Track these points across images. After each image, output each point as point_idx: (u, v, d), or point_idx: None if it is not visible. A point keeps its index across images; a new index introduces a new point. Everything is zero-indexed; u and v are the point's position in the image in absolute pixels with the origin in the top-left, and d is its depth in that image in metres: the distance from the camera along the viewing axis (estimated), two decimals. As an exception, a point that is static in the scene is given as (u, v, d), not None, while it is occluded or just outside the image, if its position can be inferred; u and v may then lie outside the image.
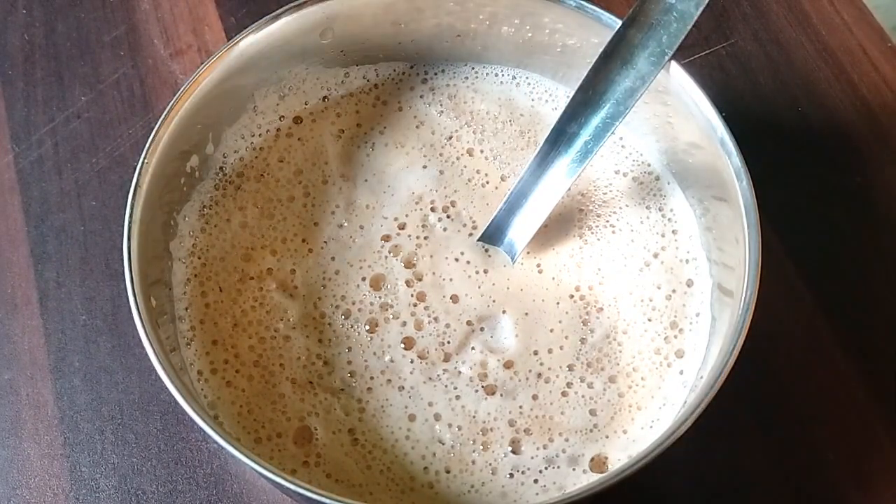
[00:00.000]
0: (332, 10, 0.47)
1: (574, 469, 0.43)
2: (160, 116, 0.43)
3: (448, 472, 0.43)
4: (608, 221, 0.49)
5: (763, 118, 0.57)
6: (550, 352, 0.46)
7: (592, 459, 0.44)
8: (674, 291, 0.47)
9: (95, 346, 0.51)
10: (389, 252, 0.48)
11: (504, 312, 0.46)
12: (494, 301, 0.47)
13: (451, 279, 0.47)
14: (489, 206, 0.49)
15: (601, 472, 0.43)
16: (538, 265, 0.48)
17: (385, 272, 0.48)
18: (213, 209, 0.48)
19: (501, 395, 0.45)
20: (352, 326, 0.46)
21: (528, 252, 0.48)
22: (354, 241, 0.48)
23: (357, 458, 0.44)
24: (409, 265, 0.48)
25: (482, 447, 0.44)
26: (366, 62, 0.52)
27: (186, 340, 0.45)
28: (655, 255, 0.48)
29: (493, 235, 0.48)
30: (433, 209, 0.49)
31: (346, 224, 0.49)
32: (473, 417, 0.44)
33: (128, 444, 0.49)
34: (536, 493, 0.43)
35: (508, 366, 0.45)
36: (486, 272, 0.47)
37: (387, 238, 0.48)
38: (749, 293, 0.40)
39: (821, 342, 0.51)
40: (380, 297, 0.47)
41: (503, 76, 0.53)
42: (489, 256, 0.48)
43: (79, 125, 0.58)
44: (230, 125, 0.49)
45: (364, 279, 0.47)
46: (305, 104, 0.51)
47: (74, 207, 0.55)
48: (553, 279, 0.47)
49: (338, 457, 0.44)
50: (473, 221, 0.49)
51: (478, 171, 0.50)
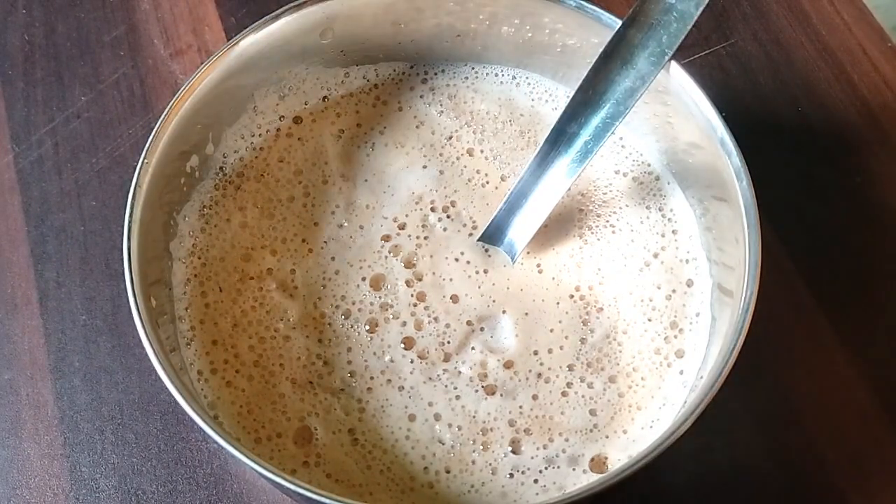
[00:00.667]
0: (332, 10, 0.47)
1: (574, 469, 0.43)
2: (160, 116, 0.43)
3: (448, 472, 0.43)
4: (608, 221, 0.49)
5: (763, 118, 0.57)
6: (550, 352, 0.46)
7: (592, 459, 0.44)
8: (674, 291, 0.47)
9: (95, 346, 0.51)
10: (389, 252, 0.48)
11: (504, 312, 0.46)
12: (494, 301, 0.47)
13: (451, 279, 0.47)
14: (489, 206, 0.49)
15: (601, 472, 0.43)
16: (538, 265, 0.48)
17: (385, 272, 0.48)
18: (213, 209, 0.48)
19: (501, 395, 0.45)
20: (352, 326, 0.46)
21: (528, 252, 0.48)
22: (354, 241, 0.48)
23: (357, 458, 0.44)
24: (409, 265, 0.48)
25: (482, 447, 0.44)
26: (366, 62, 0.52)
27: (186, 340, 0.45)
28: (655, 255, 0.48)
29: (493, 235, 0.48)
30: (433, 209, 0.49)
31: (346, 224, 0.49)
32: (473, 417, 0.44)
33: (128, 444, 0.49)
34: (536, 493, 0.43)
35: (508, 366, 0.45)
36: (486, 272, 0.47)
37: (387, 238, 0.48)
38: (749, 293, 0.40)
39: (821, 342, 0.51)
40: (380, 297, 0.47)
41: (503, 76, 0.53)
42: (489, 256, 0.48)
43: (79, 125, 0.58)
44: (230, 125, 0.49)
45: (364, 279, 0.47)
46: (305, 104, 0.51)
47: (74, 207, 0.55)
48: (553, 279, 0.47)
49: (338, 457, 0.44)
50: (473, 221, 0.49)
51: (478, 171, 0.50)
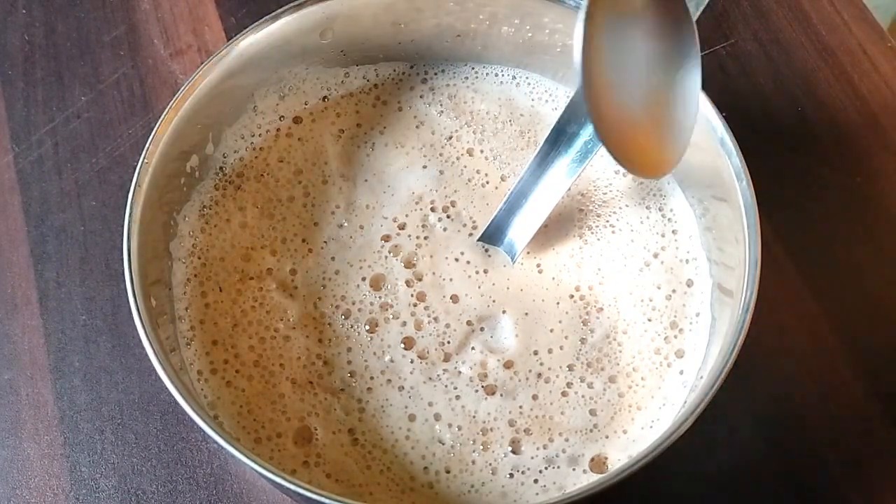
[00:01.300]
0: (332, 10, 0.47)
1: (574, 469, 0.43)
2: (160, 116, 0.43)
3: (448, 472, 0.43)
4: (608, 221, 0.49)
5: (763, 118, 0.57)
6: (550, 352, 0.46)
7: (592, 459, 0.44)
8: (674, 291, 0.47)
9: (95, 346, 0.51)
10: (389, 252, 0.48)
11: (504, 312, 0.46)
12: (494, 301, 0.47)
13: (451, 279, 0.47)
14: (489, 206, 0.49)
15: (601, 472, 0.43)
16: (538, 265, 0.48)
17: (385, 272, 0.48)
18: (213, 209, 0.48)
19: (501, 395, 0.45)
20: (352, 326, 0.46)
21: (528, 252, 0.48)
22: (354, 241, 0.48)
23: (357, 458, 0.44)
24: (409, 265, 0.48)
25: (482, 447, 0.44)
26: (366, 62, 0.52)
27: (186, 340, 0.45)
28: (655, 255, 0.48)
29: (493, 235, 0.48)
30: (433, 209, 0.49)
31: (346, 224, 0.49)
32: (473, 417, 0.44)
33: (128, 444, 0.49)
34: (536, 493, 0.43)
35: (508, 366, 0.45)
36: (486, 272, 0.47)
37: (387, 238, 0.48)
38: (749, 293, 0.40)
39: (821, 342, 0.51)
40: (380, 297, 0.47)
41: (503, 76, 0.53)
42: (489, 256, 0.48)
43: (79, 125, 0.58)
44: (230, 125, 0.49)
45: (364, 279, 0.47)
46: (305, 104, 0.51)
47: (74, 207, 0.55)
48: (553, 279, 0.47)
49: (338, 457, 0.44)
50: (473, 221, 0.49)
51: (478, 171, 0.50)
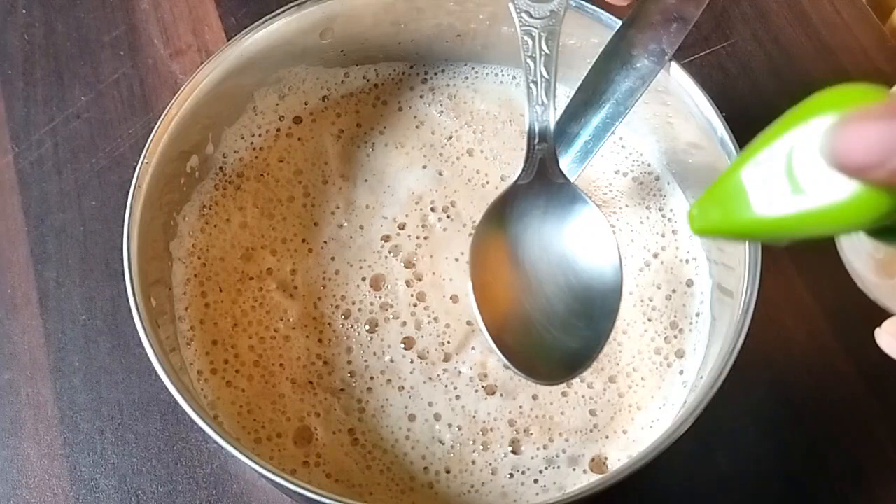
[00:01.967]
0: (332, 10, 0.47)
1: (574, 469, 0.43)
2: (160, 116, 0.43)
3: (448, 472, 0.43)
4: (608, 221, 0.48)
5: (763, 118, 0.57)
6: (550, 352, 0.45)
7: (592, 459, 0.44)
8: (674, 291, 0.47)
9: (95, 346, 0.51)
10: (389, 252, 0.48)
11: (504, 312, 0.46)
12: (494, 301, 0.47)
13: (451, 279, 0.47)
14: (489, 206, 0.49)
15: (601, 473, 0.43)
16: (538, 265, 0.48)
17: (385, 272, 0.48)
18: (213, 209, 0.48)
19: (501, 395, 0.45)
20: (352, 326, 0.46)
21: (528, 252, 0.48)
22: (354, 241, 0.48)
23: (357, 458, 0.44)
24: (409, 265, 0.48)
25: (482, 447, 0.44)
26: (366, 62, 0.52)
27: (186, 340, 0.45)
28: (655, 255, 0.48)
29: (493, 235, 0.48)
30: (433, 209, 0.49)
31: (346, 224, 0.49)
32: (473, 417, 0.44)
33: (128, 444, 0.49)
34: (536, 493, 0.43)
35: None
36: (486, 272, 0.47)
37: (387, 238, 0.48)
38: (749, 293, 0.40)
39: (821, 342, 0.51)
40: (380, 297, 0.47)
41: (503, 76, 0.53)
42: (489, 256, 0.48)
43: (79, 125, 0.58)
44: (230, 125, 0.49)
45: (364, 279, 0.47)
46: (305, 104, 0.51)
47: (74, 207, 0.55)
48: (553, 279, 0.47)
49: (338, 457, 0.44)
50: (473, 221, 0.49)
51: (478, 171, 0.50)
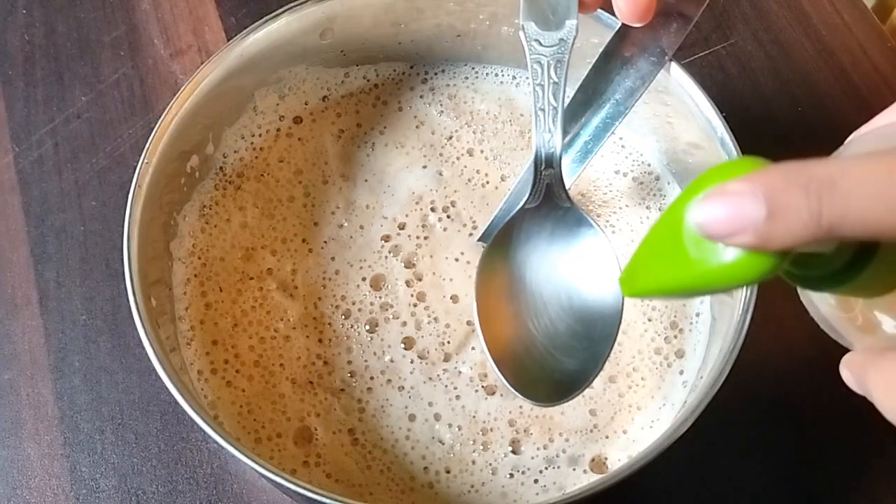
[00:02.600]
0: (332, 10, 0.47)
1: (574, 469, 0.43)
2: (160, 116, 0.43)
3: (448, 472, 0.43)
4: (608, 221, 0.49)
5: (763, 118, 0.57)
6: (550, 352, 0.45)
7: (592, 459, 0.44)
8: (674, 291, 0.47)
9: (95, 346, 0.51)
10: (389, 252, 0.48)
11: (504, 312, 0.46)
12: (494, 301, 0.47)
13: (451, 279, 0.47)
14: (489, 206, 0.49)
15: (601, 473, 0.43)
16: (538, 265, 0.48)
17: (385, 272, 0.48)
18: (213, 209, 0.48)
19: (501, 395, 0.45)
20: (352, 326, 0.46)
21: (528, 252, 0.48)
22: (354, 241, 0.48)
23: (357, 458, 0.44)
24: (409, 265, 0.48)
25: (482, 447, 0.44)
26: (366, 62, 0.52)
27: (186, 340, 0.45)
28: (655, 255, 0.47)
29: (493, 235, 0.48)
30: (433, 209, 0.49)
31: (346, 224, 0.49)
32: (473, 417, 0.44)
33: (128, 444, 0.49)
34: (536, 493, 0.43)
35: (508, 366, 0.45)
36: (486, 272, 0.47)
37: (387, 238, 0.48)
38: (749, 293, 0.40)
39: (821, 342, 0.51)
40: (380, 297, 0.47)
41: (503, 76, 0.53)
42: (489, 256, 0.48)
43: (79, 125, 0.58)
44: (230, 125, 0.49)
45: (364, 279, 0.47)
46: (305, 104, 0.51)
47: (74, 207, 0.55)
48: (553, 279, 0.47)
49: (338, 457, 0.44)
50: (473, 221, 0.49)
51: (478, 171, 0.50)
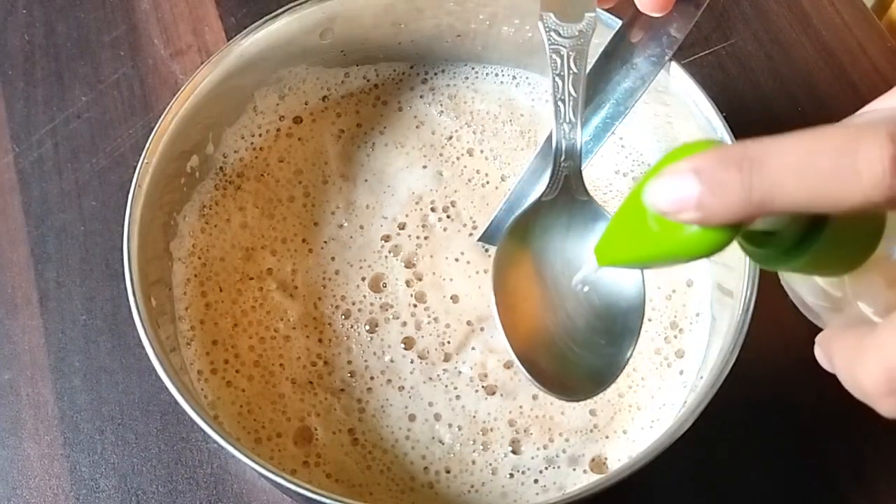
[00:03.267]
0: (332, 11, 0.47)
1: (574, 469, 0.43)
2: (160, 116, 0.43)
3: (448, 472, 0.43)
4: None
5: (763, 118, 0.57)
6: (550, 352, 0.45)
7: (592, 459, 0.44)
8: (674, 291, 0.47)
9: (95, 346, 0.51)
10: (389, 252, 0.48)
11: (504, 312, 0.46)
12: (494, 301, 0.47)
13: (451, 279, 0.47)
14: (489, 206, 0.49)
15: (601, 473, 0.43)
16: (538, 265, 0.48)
17: (385, 272, 0.48)
18: (213, 209, 0.48)
19: (501, 395, 0.45)
20: (352, 326, 0.46)
21: (528, 252, 0.48)
22: (354, 241, 0.48)
23: (357, 458, 0.44)
24: (409, 265, 0.48)
25: (482, 447, 0.44)
26: (366, 62, 0.52)
27: (186, 340, 0.45)
28: (655, 255, 0.47)
29: (493, 235, 0.48)
30: (433, 209, 0.49)
31: (346, 224, 0.49)
32: (473, 417, 0.44)
33: (128, 444, 0.49)
34: (536, 493, 0.43)
35: (508, 366, 0.45)
36: (486, 272, 0.47)
37: (387, 238, 0.48)
38: (749, 293, 0.40)
39: (821, 342, 0.51)
40: (380, 297, 0.47)
41: (503, 76, 0.53)
42: (489, 256, 0.48)
43: (79, 125, 0.58)
44: (230, 125, 0.49)
45: (364, 279, 0.47)
46: (305, 104, 0.51)
47: (74, 207, 0.55)
48: (553, 279, 0.47)
49: (338, 457, 0.44)
50: (473, 221, 0.49)
51: (478, 171, 0.50)
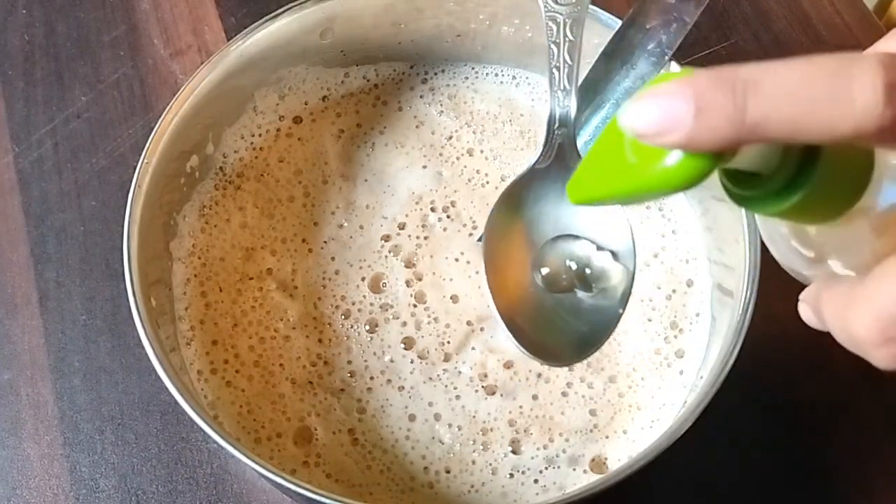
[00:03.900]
0: (332, 11, 0.47)
1: (574, 469, 0.43)
2: (160, 116, 0.43)
3: (448, 472, 0.43)
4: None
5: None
6: (550, 352, 0.45)
7: (592, 459, 0.44)
8: (674, 291, 0.47)
9: (95, 346, 0.51)
10: (389, 252, 0.48)
11: (504, 312, 0.46)
12: (494, 301, 0.47)
13: (451, 279, 0.47)
14: (489, 207, 0.48)
15: (601, 473, 0.43)
16: (538, 265, 0.48)
17: (385, 272, 0.48)
18: (213, 209, 0.48)
19: (501, 395, 0.45)
20: (352, 326, 0.46)
21: (528, 252, 0.48)
22: (354, 241, 0.48)
23: (357, 458, 0.44)
24: (409, 265, 0.48)
25: (482, 447, 0.44)
26: (366, 62, 0.52)
27: (186, 340, 0.45)
28: (655, 255, 0.48)
29: (493, 235, 0.48)
30: (433, 209, 0.49)
31: (346, 224, 0.49)
32: (473, 417, 0.44)
33: (128, 444, 0.49)
34: (536, 494, 0.43)
35: (508, 366, 0.45)
36: (486, 272, 0.47)
37: (387, 238, 0.48)
38: (749, 293, 0.40)
39: (821, 342, 0.51)
40: (380, 297, 0.47)
41: (503, 76, 0.53)
42: (489, 256, 0.48)
43: (79, 125, 0.58)
44: (230, 125, 0.49)
45: (364, 279, 0.47)
46: (305, 104, 0.51)
47: (74, 207, 0.55)
48: (553, 279, 0.47)
49: (338, 457, 0.44)
50: (473, 221, 0.49)
51: (478, 171, 0.50)
